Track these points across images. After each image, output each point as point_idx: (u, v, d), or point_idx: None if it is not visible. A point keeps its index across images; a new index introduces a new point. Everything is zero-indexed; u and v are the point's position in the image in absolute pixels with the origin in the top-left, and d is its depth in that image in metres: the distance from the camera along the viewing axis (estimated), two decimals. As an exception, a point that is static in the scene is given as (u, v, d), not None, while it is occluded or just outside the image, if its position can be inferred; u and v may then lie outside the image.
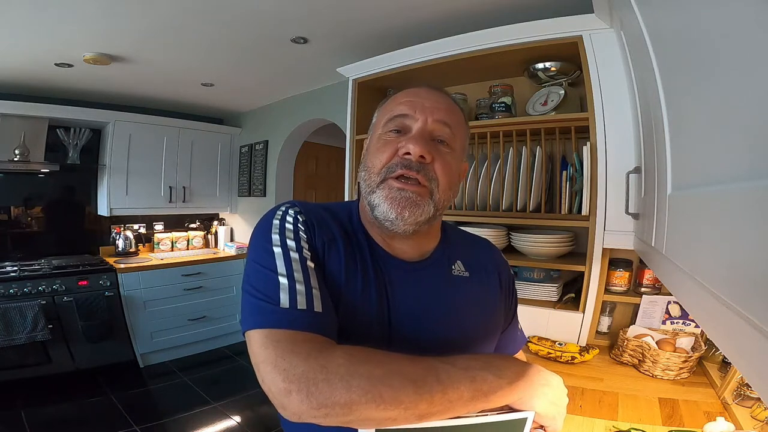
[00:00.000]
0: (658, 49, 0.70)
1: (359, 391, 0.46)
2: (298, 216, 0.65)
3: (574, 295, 1.69)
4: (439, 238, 0.76)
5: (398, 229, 0.65)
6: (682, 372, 1.32)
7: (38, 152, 2.96)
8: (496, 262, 0.82)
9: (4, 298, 2.63)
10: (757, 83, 0.33)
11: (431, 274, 0.71)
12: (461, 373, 0.50)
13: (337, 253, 0.64)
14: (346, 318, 0.60)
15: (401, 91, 0.72)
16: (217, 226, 4.05)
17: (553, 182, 1.72)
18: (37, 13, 1.80)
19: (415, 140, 0.64)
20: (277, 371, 0.48)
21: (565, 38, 1.51)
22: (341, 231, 0.67)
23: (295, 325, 0.53)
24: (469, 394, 0.49)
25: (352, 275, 0.64)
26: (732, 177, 0.39)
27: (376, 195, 0.65)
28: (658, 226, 0.77)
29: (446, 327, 0.69)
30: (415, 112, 0.66)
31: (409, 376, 0.48)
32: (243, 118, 4.03)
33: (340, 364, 0.48)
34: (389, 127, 0.67)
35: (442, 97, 0.70)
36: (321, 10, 1.81)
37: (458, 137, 0.69)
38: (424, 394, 0.47)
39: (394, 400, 0.46)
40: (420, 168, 0.64)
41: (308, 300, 0.56)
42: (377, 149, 0.67)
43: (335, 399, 0.46)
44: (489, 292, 0.77)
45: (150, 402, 2.78)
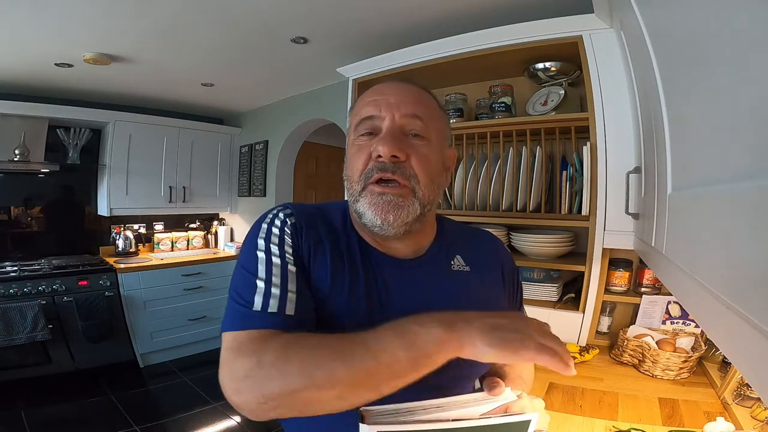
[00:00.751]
0: (658, 49, 0.70)
1: (296, 378, 0.46)
2: (288, 219, 0.65)
3: (574, 295, 1.69)
4: (434, 234, 0.74)
5: (388, 233, 0.64)
6: (682, 372, 1.32)
7: (38, 152, 2.96)
8: (498, 255, 0.79)
9: (4, 298, 2.63)
10: (757, 83, 0.33)
11: (428, 270, 0.70)
12: (389, 333, 0.47)
13: (323, 255, 0.64)
14: (333, 319, 0.60)
15: (367, 90, 0.69)
16: (217, 226, 4.05)
17: (553, 182, 1.72)
18: (37, 13, 1.80)
19: (384, 141, 0.62)
20: (228, 372, 0.50)
21: (565, 38, 1.51)
22: (330, 233, 0.67)
23: (261, 326, 0.54)
24: (404, 353, 0.45)
25: (339, 276, 0.63)
26: (732, 177, 0.39)
27: (360, 203, 0.64)
28: (658, 226, 0.77)
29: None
30: (380, 111, 0.64)
31: (337, 353, 0.47)
32: (243, 118, 4.03)
33: (274, 355, 0.49)
34: (360, 131, 0.66)
35: (408, 88, 0.67)
36: (321, 10, 1.81)
37: (433, 126, 0.67)
38: (356, 364, 0.46)
39: (330, 378, 0.46)
40: (396, 168, 0.62)
41: (281, 303, 0.56)
42: (352, 156, 0.66)
43: (277, 390, 0.47)
44: (491, 287, 0.75)
45: (150, 402, 2.78)
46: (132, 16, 1.85)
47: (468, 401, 0.54)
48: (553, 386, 1.29)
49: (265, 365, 0.48)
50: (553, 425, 1.06)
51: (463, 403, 0.53)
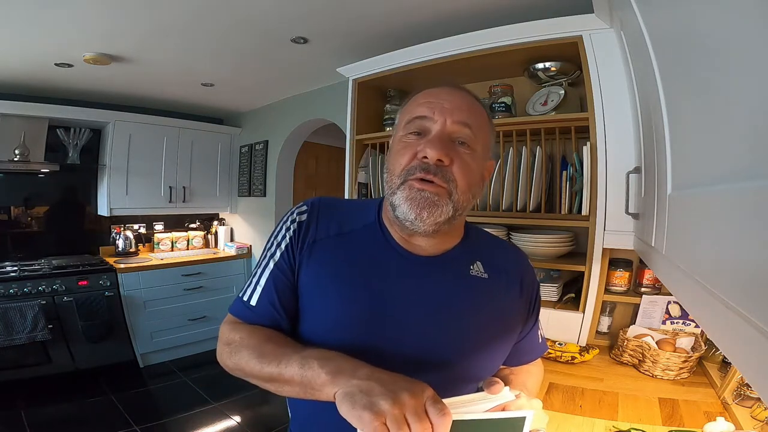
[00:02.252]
0: (658, 49, 0.70)
1: (238, 366, 0.65)
2: (298, 217, 0.73)
3: (574, 295, 1.69)
4: (460, 238, 0.76)
5: (418, 229, 0.66)
6: (682, 372, 1.32)
7: (38, 152, 2.96)
8: (519, 267, 0.80)
9: (4, 298, 2.63)
10: (758, 83, 0.33)
11: (445, 270, 0.71)
12: (297, 358, 0.58)
13: (327, 250, 0.71)
14: (332, 302, 0.68)
15: (422, 92, 0.71)
16: (217, 226, 4.05)
17: (553, 182, 1.72)
18: (37, 13, 1.80)
19: (432, 144, 0.64)
20: (218, 342, 0.71)
21: (565, 38, 1.51)
22: (341, 229, 0.73)
23: (235, 310, 0.73)
24: (299, 379, 0.57)
25: (342, 267, 0.69)
26: (732, 177, 0.39)
27: (397, 196, 0.66)
28: (658, 226, 0.77)
29: (453, 321, 0.69)
30: (434, 114, 0.66)
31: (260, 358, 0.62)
32: (243, 118, 4.03)
33: (236, 342, 0.67)
34: (409, 129, 0.68)
35: (462, 96, 0.69)
36: (321, 10, 1.81)
37: (480, 137, 0.68)
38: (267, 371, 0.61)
39: (253, 374, 0.64)
40: (438, 171, 0.64)
41: (251, 293, 0.71)
42: (397, 152, 0.68)
43: (227, 364, 0.68)
44: (507, 297, 0.76)
45: (150, 402, 2.78)
46: (132, 16, 1.85)
47: (467, 401, 0.55)
48: (553, 386, 1.29)
49: (228, 349, 0.68)
50: (553, 425, 1.06)
51: (463, 402, 0.54)
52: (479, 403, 0.54)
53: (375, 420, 0.45)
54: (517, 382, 0.78)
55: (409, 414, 0.46)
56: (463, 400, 0.54)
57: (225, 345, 0.68)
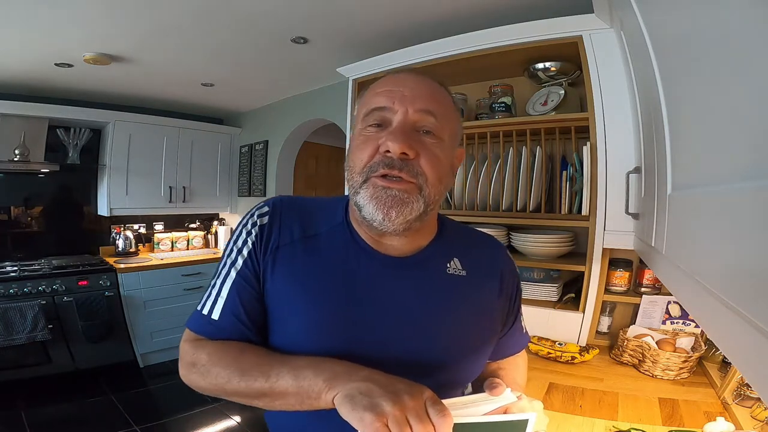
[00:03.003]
0: (658, 49, 0.70)
1: (214, 386, 0.60)
2: (258, 220, 0.66)
3: (574, 295, 1.69)
4: (434, 234, 0.71)
5: (387, 229, 0.61)
6: (682, 372, 1.32)
7: (38, 152, 2.96)
8: (499, 262, 0.76)
9: (4, 298, 2.63)
10: (758, 83, 0.33)
11: (420, 271, 0.67)
12: (288, 369, 0.55)
13: (293, 256, 0.65)
14: (303, 313, 0.63)
15: (381, 79, 0.66)
16: (217, 226, 4.05)
17: (553, 182, 1.72)
18: (37, 13, 1.80)
19: (394, 136, 0.59)
20: (180, 362, 0.65)
21: (565, 38, 1.51)
22: (305, 232, 0.66)
23: (194, 326, 0.65)
24: (294, 390, 0.54)
25: (311, 275, 0.64)
26: (732, 177, 0.39)
27: (361, 195, 0.61)
28: (658, 226, 0.77)
29: (433, 323, 0.65)
30: (393, 104, 0.61)
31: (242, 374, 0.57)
32: (243, 118, 4.03)
33: (203, 362, 0.61)
34: (368, 122, 0.62)
35: (424, 82, 0.64)
36: (321, 10, 1.81)
37: (446, 125, 0.63)
38: (254, 386, 0.56)
39: (235, 392, 0.58)
40: (403, 165, 0.59)
41: (212, 306, 0.64)
42: (357, 147, 0.63)
43: (204, 388, 0.61)
44: (487, 294, 0.72)
45: (150, 402, 2.78)
46: (132, 16, 1.85)
47: (468, 402, 0.54)
48: (553, 386, 1.29)
49: (193, 370, 0.61)
50: (553, 425, 1.06)
51: (464, 403, 0.54)
52: (480, 405, 0.54)
53: (377, 421, 0.44)
54: (508, 378, 0.77)
55: (411, 415, 0.45)
56: (464, 401, 0.54)
57: (190, 366, 0.62)
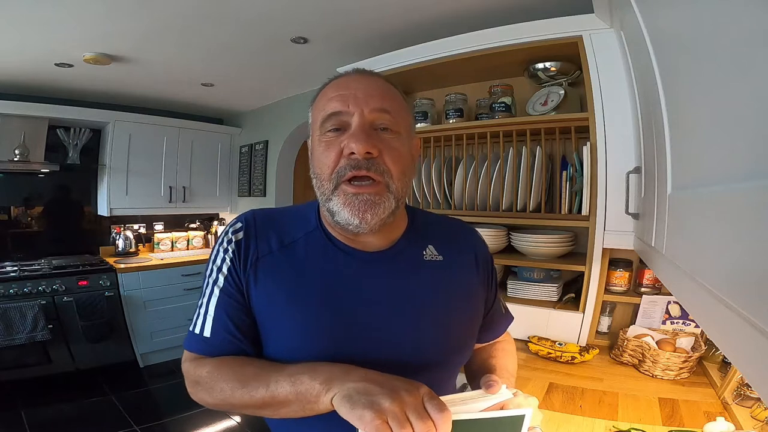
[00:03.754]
0: (658, 49, 0.70)
1: (219, 401, 0.63)
2: (233, 237, 0.68)
3: (574, 295, 1.69)
4: (405, 225, 0.74)
5: (363, 231, 0.63)
6: (682, 372, 1.32)
7: (38, 152, 2.96)
8: (471, 242, 0.79)
9: (4, 298, 2.63)
10: (758, 83, 0.33)
11: (399, 261, 0.70)
12: (286, 377, 0.57)
13: (274, 265, 0.67)
14: (290, 319, 0.65)
15: (329, 84, 0.67)
16: (217, 226, 4.05)
17: (553, 182, 1.72)
18: (37, 12, 1.79)
19: (356, 137, 0.61)
20: (186, 382, 0.68)
21: (565, 38, 1.51)
22: (282, 241, 0.69)
23: (190, 346, 0.69)
24: (293, 397, 0.55)
25: (293, 282, 0.66)
26: (732, 177, 0.39)
27: (333, 202, 0.63)
28: (658, 226, 0.77)
29: (419, 313, 0.67)
30: (348, 106, 0.62)
31: (243, 385, 0.59)
32: (243, 118, 4.03)
33: (206, 379, 0.63)
34: (326, 127, 0.64)
35: (373, 81, 0.66)
36: (321, 10, 1.81)
37: (401, 119, 0.66)
38: (256, 396, 0.58)
39: (240, 404, 0.61)
40: (369, 165, 0.61)
41: (202, 325, 0.67)
42: (321, 153, 0.64)
43: (211, 404, 0.64)
44: (466, 275, 0.75)
45: (150, 402, 2.78)
46: (132, 16, 1.85)
47: (466, 398, 0.55)
48: (553, 386, 1.29)
49: (199, 388, 0.65)
50: (553, 425, 1.06)
51: (462, 400, 0.54)
52: (477, 402, 0.55)
53: (377, 418, 0.45)
54: (500, 366, 0.78)
55: (410, 412, 0.46)
56: (461, 397, 0.55)
57: (194, 384, 0.65)
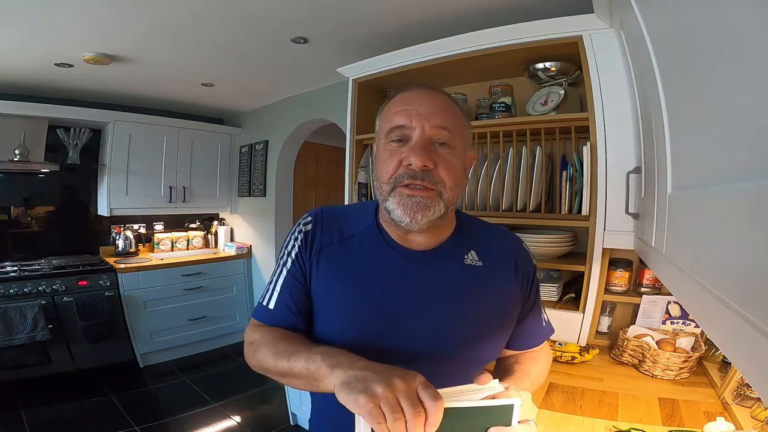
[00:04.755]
0: (658, 49, 0.70)
1: (259, 362, 0.72)
2: (304, 227, 0.79)
3: (574, 295, 1.69)
4: (453, 229, 0.79)
5: (413, 228, 0.70)
6: (682, 372, 1.32)
7: (38, 152, 2.96)
8: (512, 250, 0.82)
9: (4, 298, 2.63)
10: (757, 83, 0.33)
11: (441, 262, 0.76)
12: (305, 354, 0.63)
13: (333, 256, 0.76)
14: (340, 304, 0.74)
15: (396, 98, 0.74)
16: (217, 226, 4.05)
17: (553, 182, 1.72)
18: (37, 13, 1.80)
19: (415, 152, 0.67)
20: (245, 344, 0.78)
21: (565, 38, 1.51)
22: (350, 230, 0.78)
23: (256, 314, 0.80)
24: (305, 373, 0.62)
25: (347, 272, 0.75)
26: (732, 177, 0.39)
27: (390, 202, 0.70)
28: (658, 226, 0.77)
29: (451, 313, 0.73)
30: (411, 122, 0.69)
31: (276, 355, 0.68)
32: (243, 118, 4.03)
33: (256, 342, 0.74)
34: (390, 138, 0.71)
35: (435, 98, 0.72)
36: (321, 11, 1.81)
37: (458, 135, 0.72)
38: (281, 365, 0.67)
39: (272, 369, 0.69)
40: (425, 176, 0.68)
41: (269, 298, 0.78)
42: (383, 161, 0.72)
43: (252, 363, 0.74)
44: (502, 281, 0.78)
45: (150, 402, 2.78)
46: (132, 16, 1.85)
47: (458, 391, 0.56)
48: (553, 386, 1.29)
49: (250, 349, 0.75)
50: (553, 425, 1.06)
51: (454, 393, 0.56)
52: (469, 394, 0.56)
53: (370, 402, 0.48)
54: (521, 371, 0.78)
55: (402, 397, 0.49)
56: (454, 390, 0.56)
57: (248, 345, 0.76)
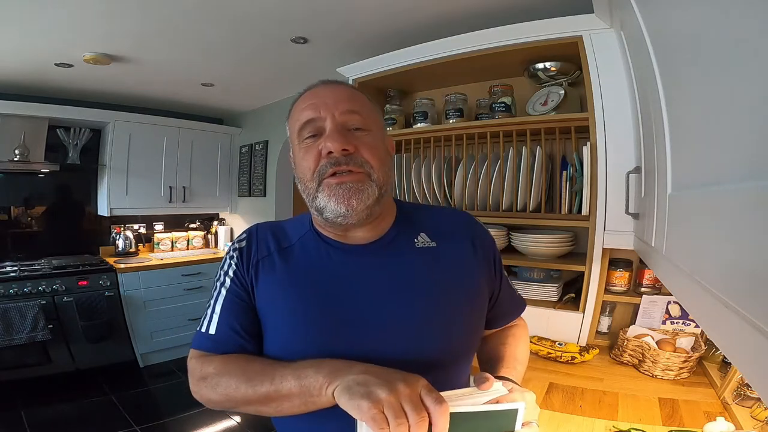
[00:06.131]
0: (658, 49, 0.70)
1: (224, 397, 0.63)
2: (238, 245, 0.75)
3: (574, 295, 1.69)
4: (394, 217, 0.76)
5: (352, 221, 0.66)
6: (682, 372, 1.32)
7: (38, 152, 2.96)
8: (466, 227, 0.80)
9: (4, 298, 2.63)
10: (757, 83, 0.33)
11: (391, 251, 0.72)
12: (291, 371, 0.59)
13: (272, 266, 0.71)
14: (288, 316, 0.68)
15: (301, 96, 0.73)
16: (217, 226, 4.05)
17: (553, 182, 1.72)
18: (37, 13, 1.80)
19: (331, 137, 0.65)
20: (190, 380, 0.69)
21: (565, 38, 1.51)
22: (280, 245, 0.74)
23: (196, 344, 0.71)
24: (297, 390, 0.57)
25: (289, 281, 0.70)
26: (732, 177, 0.39)
27: (320, 198, 0.67)
28: (658, 226, 0.77)
29: (416, 299, 0.68)
30: (320, 112, 0.67)
31: (249, 382, 0.61)
32: (243, 118, 4.03)
33: (212, 374, 0.65)
34: (304, 135, 0.69)
35: (339, 87, 0.71)
36: (321, 11, 1.81)
37: (371, 118, 0.71)
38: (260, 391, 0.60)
39: (244, 400, 0.62)
40: (348, 160, 0.66)
41: (209, 324, 0.71)
42: (302, 158, 0.69)
43: (212, 398, 0.65)
44: (462, 259, 0.75)
45: (150, 402, 2.78)
46: (132, 16, 1.85)
47: (461, 395, 0.56)
48: (553, 386, 1.29)
49: (204, 385, 0.66)
50: (553, 425, 1.06)
51: (458, 396, 0.55)
52: (472, 397, 0.56)
53: (373, 407, 0.47)
54: (510, 355, 0.79)
55: (405, 402, 0.48)
56: (457, 393, 0.56)
57: (200, 380, 0.67)
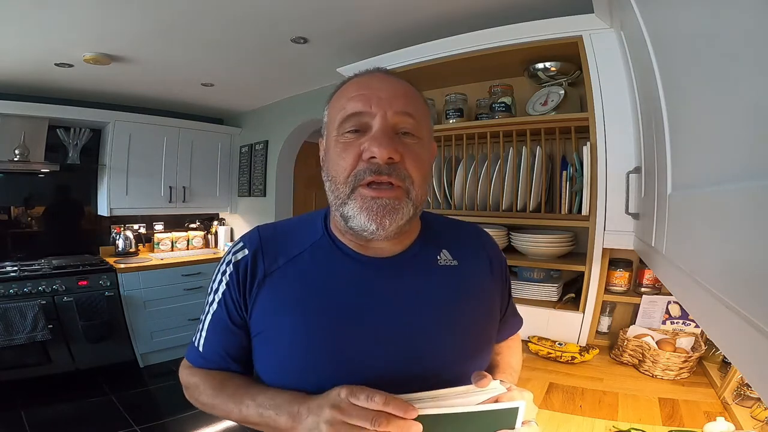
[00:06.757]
0: (658, 49, 0.70)
1: (203, 404, 0.69)
2: (233, 257, 0.68)
3: (574, 295, 1.69)
4: (419, 230, 0.71)
5: (379, 238, 0.60)
6: (682, 372, 1.32)
7: (38, 152, 2.96)
8: (485, 246, 0.77)
9: (4, 298, 2.63)
10: (757, 83, 0.33)
11: (413, 267, 0.67)
12: (255, 408, 0.61)
13: (279, 280, 0.65)
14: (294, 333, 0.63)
15: (350, 82, 0.64)
16: (217, 226, 4.05)
17: (553, 182, 1.72)
18: (36, 13, 1.79)
19: (378, 141, 0.57)
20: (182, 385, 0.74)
21: (566, 38, 1.51)
22: (288, 255, 0.66)
23: (187, 355, 0.74)
24: (257, 419, 0.61)
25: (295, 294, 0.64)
26: (732, 177, 0.39)
27: (349, 206, 0.59)
28: (658, 226, 0.77)
29: (435, 318, 0.65)
30: (371, 107, 0.59)
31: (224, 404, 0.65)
32: (243, 118, 4.03)
33: (194, 386, 0.70)
34: (345, 128, 0.60)
35: (397, 83, 0.63)
36: (321, 10, 1.80)
37: (424, 123, 0.63)
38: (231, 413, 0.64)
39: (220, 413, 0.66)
40: (391, 170, 0.58)
41: (199, 338, 0.72)
42: (337, 155, 0.60)
43: (199, 406, 0.70)
44: (481, 279, 0.73)
45: (150, 402, 2.78)
46: (132, 16, 1.85)
47: (460, 393, 0.55)
48: (553, 386, 1.29)
49: (189, 393, 0.72)
50: (553, 425, 1.06)
51: (456, 394, 0.55)
52: (473, 395, 0.55)
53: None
54: (504, 363, 0.79)
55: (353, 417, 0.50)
56: (455, 391, 0.55)
57: (186, 388, 0.72)
